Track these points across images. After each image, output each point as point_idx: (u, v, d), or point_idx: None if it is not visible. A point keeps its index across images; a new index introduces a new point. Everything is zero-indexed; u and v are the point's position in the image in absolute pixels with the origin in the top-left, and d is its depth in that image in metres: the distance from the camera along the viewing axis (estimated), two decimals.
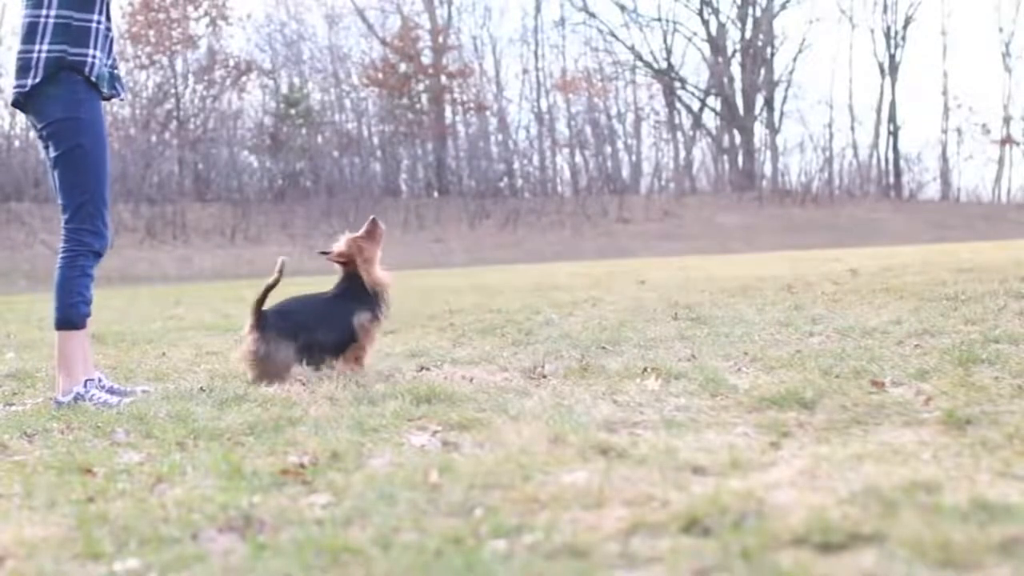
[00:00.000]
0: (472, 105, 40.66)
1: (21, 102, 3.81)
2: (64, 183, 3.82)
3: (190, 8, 37.94)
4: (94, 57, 3.77)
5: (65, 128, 3.77)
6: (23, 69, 3.76)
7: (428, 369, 4.17)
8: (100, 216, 3.85)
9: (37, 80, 3.74)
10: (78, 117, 3.77)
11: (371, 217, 4.29)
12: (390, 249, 3.96)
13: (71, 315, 3.83)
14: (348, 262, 4.14)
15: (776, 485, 1.96)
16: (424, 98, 40.56)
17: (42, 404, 3.79)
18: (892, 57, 41.72)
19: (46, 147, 3.87)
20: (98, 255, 3.89)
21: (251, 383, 3.87)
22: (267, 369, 3.92)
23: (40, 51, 3.73)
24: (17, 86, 3.80)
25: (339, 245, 4.16)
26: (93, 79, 3.77)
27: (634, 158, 42.60)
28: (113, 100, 3.95)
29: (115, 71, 3.95)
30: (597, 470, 2.17)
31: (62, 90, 3.75)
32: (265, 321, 3.96)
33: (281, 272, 3.92)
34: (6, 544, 1.87)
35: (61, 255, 3.86)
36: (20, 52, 3.77)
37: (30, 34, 3.74)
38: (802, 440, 2.42)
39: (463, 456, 2.40)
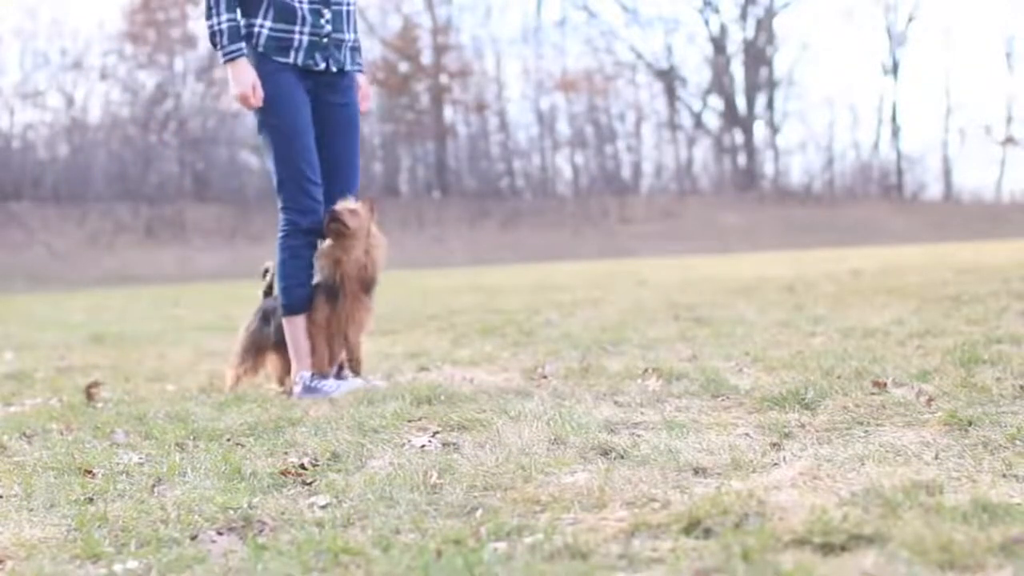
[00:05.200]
0: (472, 105, 40.65)
1: None
2: (267, 162, 3.68)
3: (190, 7, 37.93)
4: (261, 26, 3.58)
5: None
6: (211, 37, 3.59)
7: (428, 369, 4.16)
8: (304, 192, 3.63)
9: (219, 52, 3.56)
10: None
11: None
12: (388, 249, 3.91)
13: (288, 299, 3.67)
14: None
15: (777, 486, 1.96)
16: (424, 98, 40.55)
17: (41, 405, 3.78)
18: (894, 57, 41.73)
19: None
20: (309, 233, 3.65)
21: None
22: (244, 348, 3.84)
23: (220, 22, 3.54)
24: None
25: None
26: (260, 50, 3.58)
27: (635, 158, 42.60)
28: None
29: (321, 39, 3.65)
30: (598, 471, 2.16)
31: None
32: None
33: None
34: (5, 545, 1.87)
35: (277, 238, 3.71)
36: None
37: (212, 4, 3.56)
38: (803, 441, 2.42)
39: (463, 457, 2.39)
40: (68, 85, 36.19)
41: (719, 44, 42.46)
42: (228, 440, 2.78)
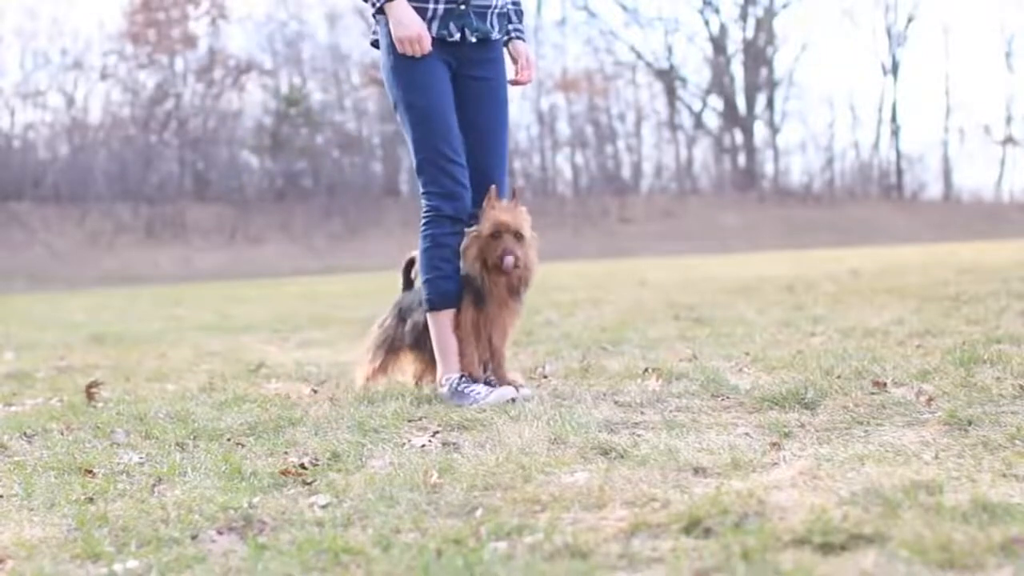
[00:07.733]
0: None
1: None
2: (408, 146, 3.40)
3: (190, 7, 37.92)
4: None
5: (385, 79, 3.37)
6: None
7: None
8: (448, 175, 3.30)
9: (374, 28, 3.29)
10: (389, 66, 3.32)
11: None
12: (388, 250, 3.83)
13: (432, 293, 3.35)
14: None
15: (777, 486, 1.96)
16: None
17: (41, 404, 3.78)
18: (894, 57, 41.71)
19: None
20: (455, 220, 3.34)
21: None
22: (376, 345, 3.59)
23: None
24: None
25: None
26: None
27: (635, 158, 42.60)
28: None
29: (458, 6, 3.29)
30: (598, 471, 2.16)
31: (381, 35, 3.34)
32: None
33: None
34: (6, 545, 1.87)
35: (420, 225, 3.41)
36: None
37: None
38: (803, 440, 2.42)
39: (464, 457, 2.39)
40: (68, 85, 36.23)
41: (719, 44, 42.46)
42: (228, 440, 2.78)
